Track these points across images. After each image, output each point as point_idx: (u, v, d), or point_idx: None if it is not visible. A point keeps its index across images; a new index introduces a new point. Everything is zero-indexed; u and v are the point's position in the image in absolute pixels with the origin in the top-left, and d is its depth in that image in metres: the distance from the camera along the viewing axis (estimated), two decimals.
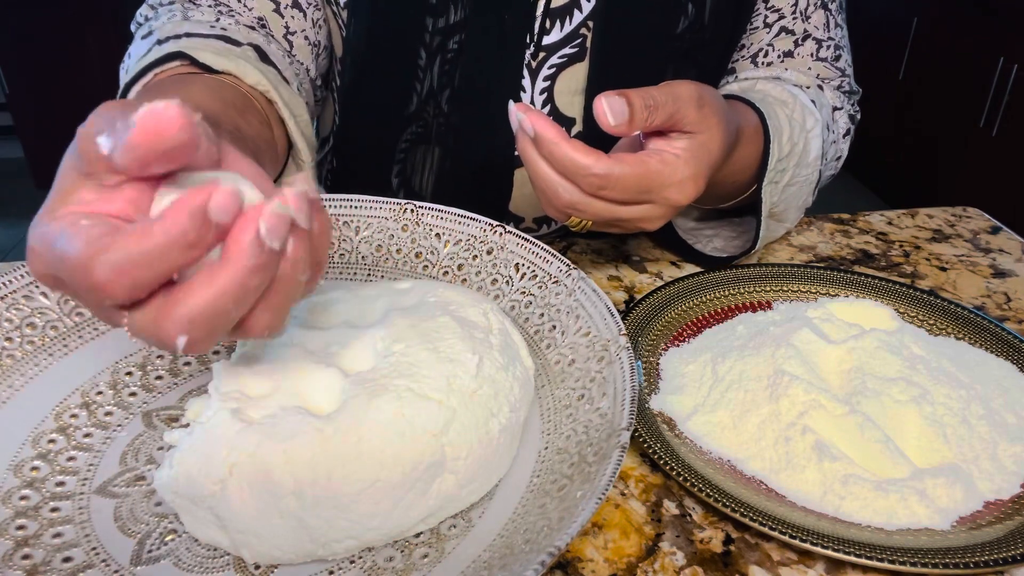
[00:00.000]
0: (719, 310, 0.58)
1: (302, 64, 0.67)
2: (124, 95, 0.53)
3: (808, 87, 0.68)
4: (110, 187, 0.31)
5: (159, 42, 0.56)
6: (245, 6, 0.63)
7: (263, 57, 0.60)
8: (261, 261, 0.30)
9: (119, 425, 0.44)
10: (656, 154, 0.50)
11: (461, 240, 0.54)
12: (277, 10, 0.64)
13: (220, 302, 0.29)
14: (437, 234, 0.55)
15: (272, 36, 0.64)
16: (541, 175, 0.50)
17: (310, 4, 0.66)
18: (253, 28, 0.63)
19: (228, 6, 0.62)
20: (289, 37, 0.65)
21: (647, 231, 0.54)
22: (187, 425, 0.44)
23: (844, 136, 0.73)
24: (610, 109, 0.47)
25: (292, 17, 0.65)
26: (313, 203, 0.32)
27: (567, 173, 0.49)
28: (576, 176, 0.48)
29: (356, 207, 0.56)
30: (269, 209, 0.29)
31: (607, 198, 0.50)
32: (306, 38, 0.66)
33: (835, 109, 0.72)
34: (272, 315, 0.32)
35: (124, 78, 0.55)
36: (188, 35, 0.57)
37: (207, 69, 0.53)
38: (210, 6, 0.62)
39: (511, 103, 0.50)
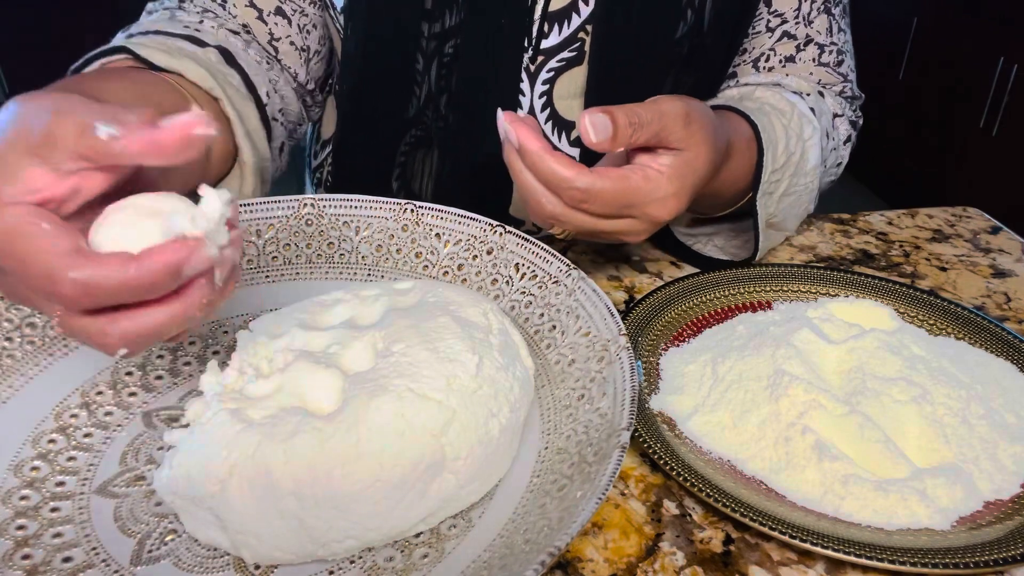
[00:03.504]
0: (719, 310, 0.58)
1: (289, 69, 0.67)
2: None
3: (808, 94, 0.68)
4: (64, 172, 0.32)
5: (129, 36, 0.57)
6: (230, 13, 0.64)
7: (229, 60, 0.60)
8: (211, 299, 0.34)
9: (119, 425, 0.44)
10: (640, 170, 0.50)
11: (461, 240, 0.54)
12: (260, 17, 0.65)
13: (166, 327, 0.33)
14: (437, 234, 0.55)
15: (256, 42, 0.65)
16: (525, 185, 0.50)
17: (295, 11, 0.66)
18: (237, 33, 0.63)
19: (214, 13, 0.63)
20: (274, 43, 0.66)
21: (630, 243, 0.54)
22: (187, 425, 0.44)
23: (845, 143, 0.73)
24: (592, 126, 0.47)
25: (276, 24, 0.65)
26: (240, 239, 0.36)
27: (550, 185, 0.49)
28: (558, 189, 0.49)
29: (356, 207, 0.56)
30: (223, 254, 0.33)
31: (588, 211, 0.50)
32: (292, 44, 0.67)
33: (836, 116, 0.71)
34: (183, 333, 0.36)
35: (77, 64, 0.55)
36: (157, 32, 0.57)
37: (152, 66, 0.54)
38: (199, 12, 0.62)
39: (499, 111, 0.50)
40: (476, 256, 0.54)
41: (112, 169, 0.33)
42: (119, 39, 0.58)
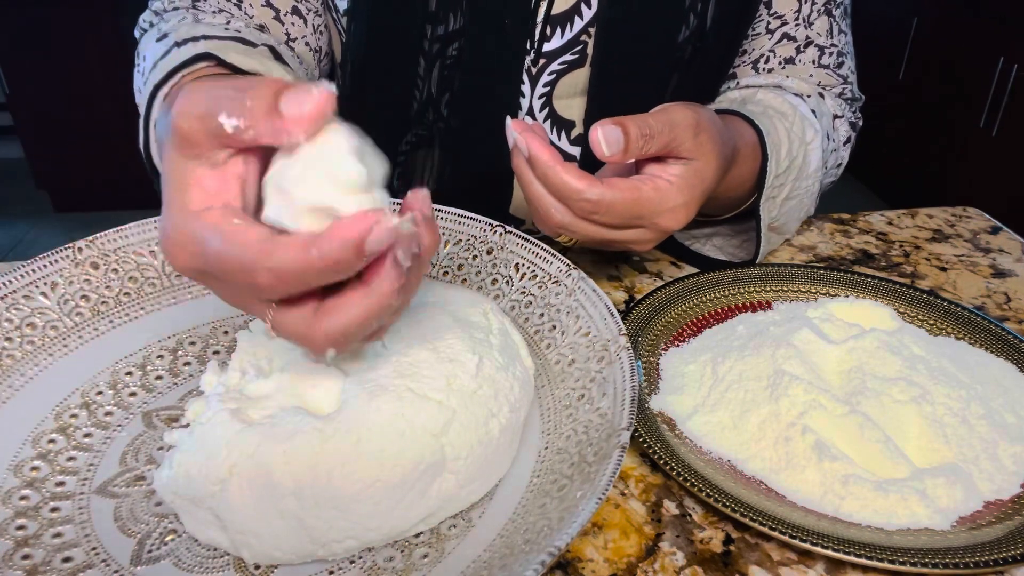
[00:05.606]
0: (719, 310, 0.58)
1: (305, 70, 0.67)
2: (153, 96, 0.52)
3: (809, 95, 0.68)
4: (221, 166, 0.33)
5: (177, 44, 0.56)
6: (246, 13, 0.63)
7: (277, 57, 0.60)
8: (401, 283, 0.33)
9: (119, 425, 0.44)
10: (649, 180, 0.50)
11: (461, 240, 0.54)
12: (277, 17, 0.64)
13: (369, 320, 0.33)
14: None
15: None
16: (534, 194, 0.50)
17: (310, 10, 0.66)
18: (262, 30, 0.63)
19: (231, 14, 0.62)
20: (290, 43, 0.66)
21: (638, 252, 0.54)
22: (187, 425, 0.44)
23: (845, 144, 0.73)
24: (605, 139, 0.47)
25: (292, 24, 0.65)
26: (428, 221, 0.35)
27: (559, 196, 0.49)
28: (568, 200, 0.48)
29: None
30: (401, 230, 0.32)
31: (598, 222, 0.50)
32: (307, 44, 0.67)
33: (836, 117, 0.71)
34: (382, 328, 0.37)
35: (152, 77, 0.54)
36: (205, 37, 0.57)
37: (234, 69, 0.53)
38: (215, 12, 0.62)
39: (508, 119, 0.50)
40: (476, 256, 0.54)
41: (255, 148, 0.34)
42: (159, 48, 0.57)
